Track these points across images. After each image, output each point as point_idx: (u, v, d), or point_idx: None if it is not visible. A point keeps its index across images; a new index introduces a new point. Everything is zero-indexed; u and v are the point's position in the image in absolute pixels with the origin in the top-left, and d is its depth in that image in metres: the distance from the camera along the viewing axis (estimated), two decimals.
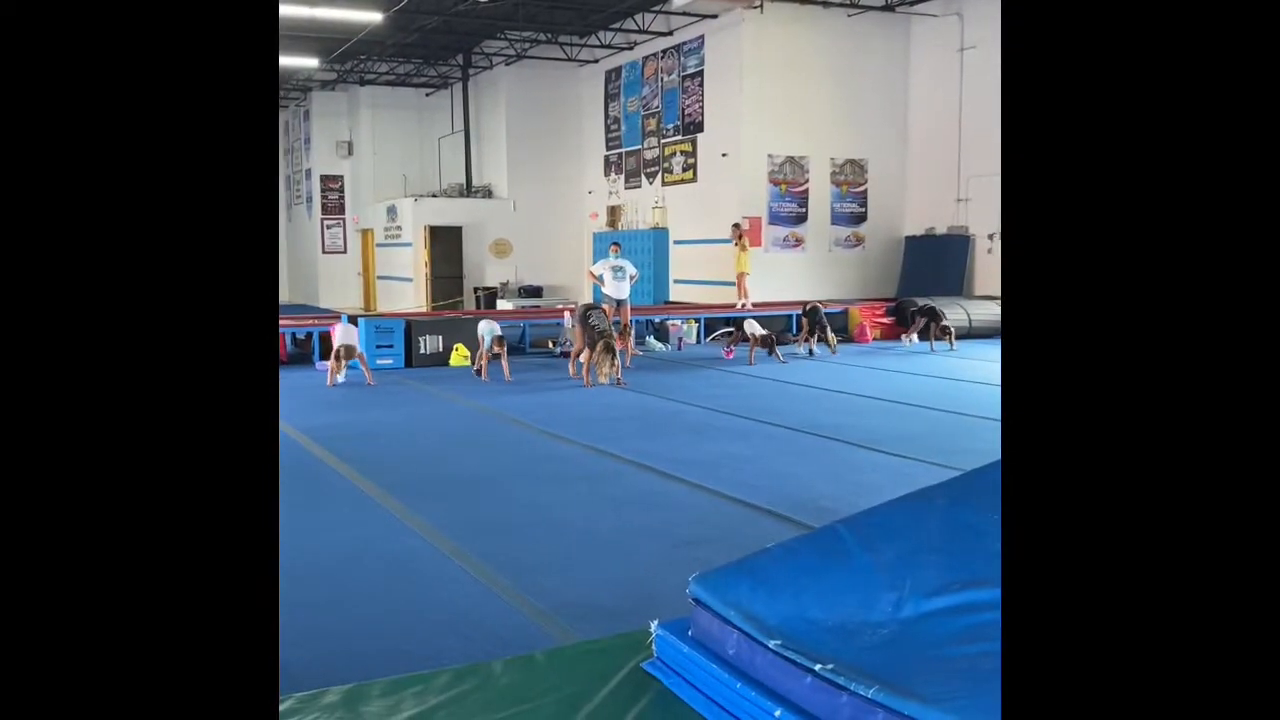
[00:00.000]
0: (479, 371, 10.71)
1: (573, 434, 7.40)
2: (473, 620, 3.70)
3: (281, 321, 13.73)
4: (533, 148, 20.42)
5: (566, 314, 13.75)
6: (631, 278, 12.00)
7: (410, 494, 5.62)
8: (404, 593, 4.03)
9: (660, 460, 6.39)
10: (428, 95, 23.26)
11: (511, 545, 4.65)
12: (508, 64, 20.06)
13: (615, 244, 12.98)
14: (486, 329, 10.70)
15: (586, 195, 20.40)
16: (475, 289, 20.02)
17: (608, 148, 19.64)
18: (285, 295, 26.48)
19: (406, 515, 5.19)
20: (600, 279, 12.00)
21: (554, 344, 13.57)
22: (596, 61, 19.51)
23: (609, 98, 19.51)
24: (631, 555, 4.49)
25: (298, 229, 26.14)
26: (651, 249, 17.60)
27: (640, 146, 18.60)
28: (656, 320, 14.66)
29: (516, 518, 5.17)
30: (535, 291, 19.81)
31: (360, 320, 12.39)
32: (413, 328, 12.27)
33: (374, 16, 14.69)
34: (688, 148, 17.24)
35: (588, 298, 19.61)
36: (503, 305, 18.72)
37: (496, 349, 10.38)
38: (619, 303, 11.96)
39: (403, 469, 6.37)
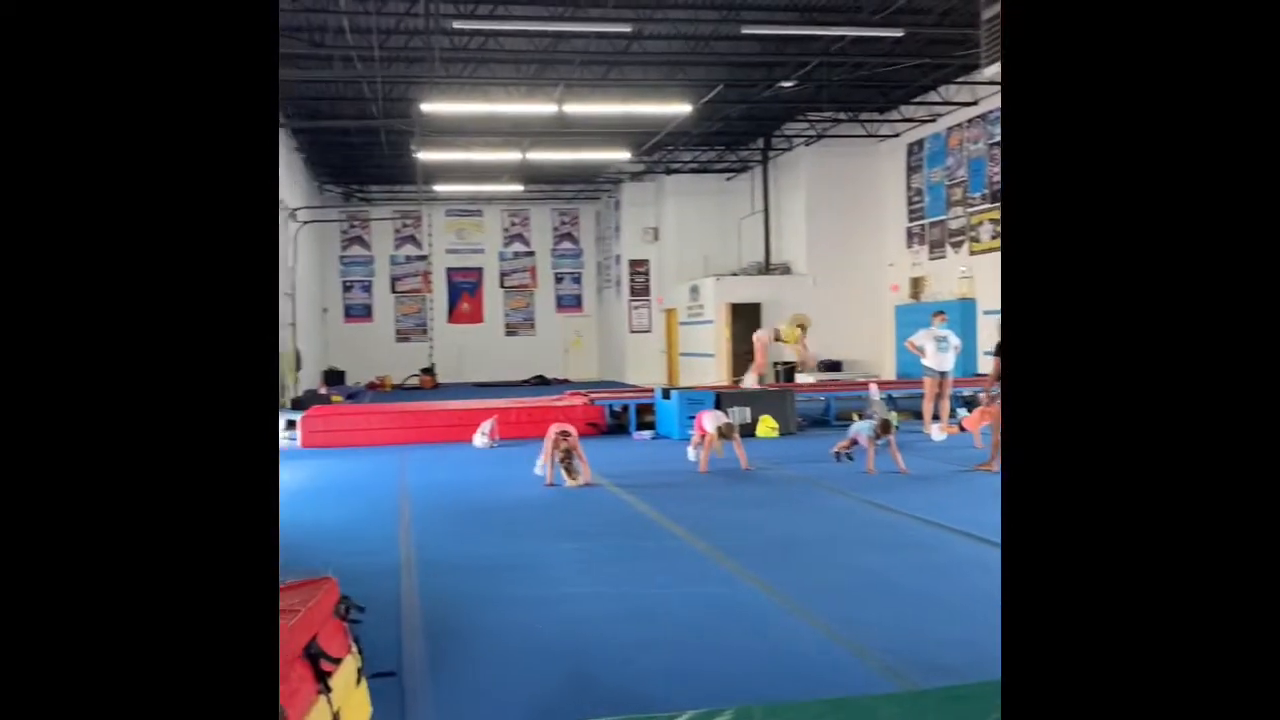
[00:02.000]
0: (842, 456, 9.44)
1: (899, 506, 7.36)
2: (820, 664, 3.82)
3: (601, 395, 14.72)
4: (831, 223, 20.65)
5: (872, 386, 13.65)
6: (955, 349, 11.39)
7: (745, 556, 5.86)
8: (748, 638, 4.23)
9: (988, 530, 6.21)
10: (728, 179, 24.25)
11: (847, 605, 4.74)
12: (807, 144, 20.55)
13: (939, 313, 11.96)
14: (864, 427, 9.17)
15: (887, 268, 20.26)
16: (775, 364, 20.34)
17: (909, 219, 19.47)
18: (595, 372, 28.29)
19: (743, 573, 5.42)
20: (921, 350, 11.45)
21: (859, 416, 13.49)
22: (897, 135, 19.53)
23: (911, 170, 19.41)
24: (966, 617, 4.42)
25: (608, 310, 27.91)
26: (959, 320, 17.11)
27: (945, 216, 18.28)
28: (965, 394, 14.17)
29: (845, 580, 5.25)
30: (835, 366, 19.82)
31: (673, 392, 13.00)
32: (722, 399, 12.69)
33: (684, 108, 15.67)
34: (997, 215, 16.73)
35: (889, 372, 19.36)
36: (802, 379, 18.87)
37: (881, 434, 8.88)
38: (942, 374, 11.35)
39: (733, 534, 6.64)
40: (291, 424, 13.67)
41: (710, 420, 9.70)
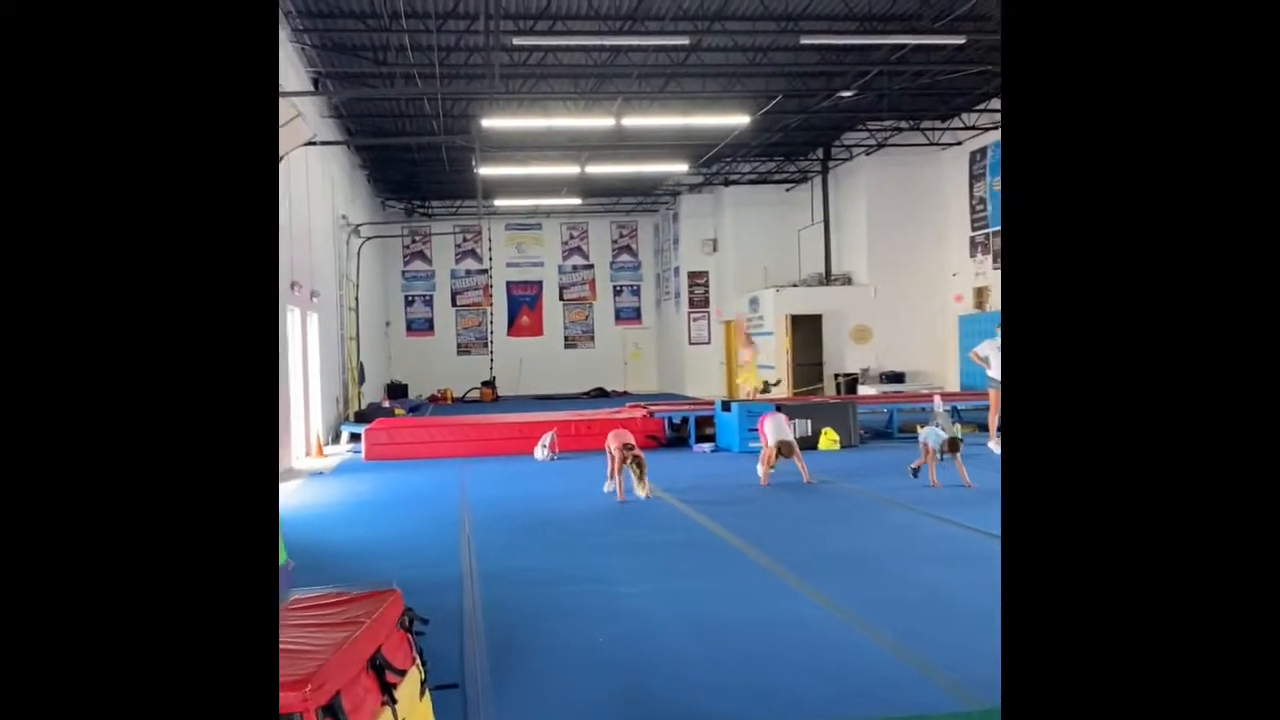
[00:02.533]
0: (916, 471, 9.28)
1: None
2: (884, 681, 3.75)
3: (661, 407, 14.69)
4: (893, 233, 20.39)
5: (936, 398, 13.43)
6: None
7: (807, 571, 5.78)
8: (810, 653, 4.17)
9: None
10: (788, 190, 24.11)
11: (912, 620, 4.65)
12: (868, 154, 20.34)
13: None
14: (931, 435, 9.20)
15: (950, 278, 19.93)
16: (835, 375, 20.13)
17: (973, 228, 19.15)
18: (654, 384, 28.28)
19: (805, 588, 5.35)
20: (986, 361, 11.39)
21: (921, 428, 13.28)
22: (959, 144, 19.23)
23: (973, 178, 19.10)
24: None
25: (666, 323, 27.91)
26: None
27: None
28: None
29: (909, 596, 5.15)
30: (897, 377, 19.55)
31: (733, 404, 12.92)
32: (782, 412, 12.58)
33: (742, 120, 15.63)
34: None
35: (953, 383, 19.02)
36: (864, 391, 18.64)
37: (948, 450, 8.93)
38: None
39: (794, 547, 6.56)
40: (355, 437, 13.88)
41: (771, 426, 9.59)
